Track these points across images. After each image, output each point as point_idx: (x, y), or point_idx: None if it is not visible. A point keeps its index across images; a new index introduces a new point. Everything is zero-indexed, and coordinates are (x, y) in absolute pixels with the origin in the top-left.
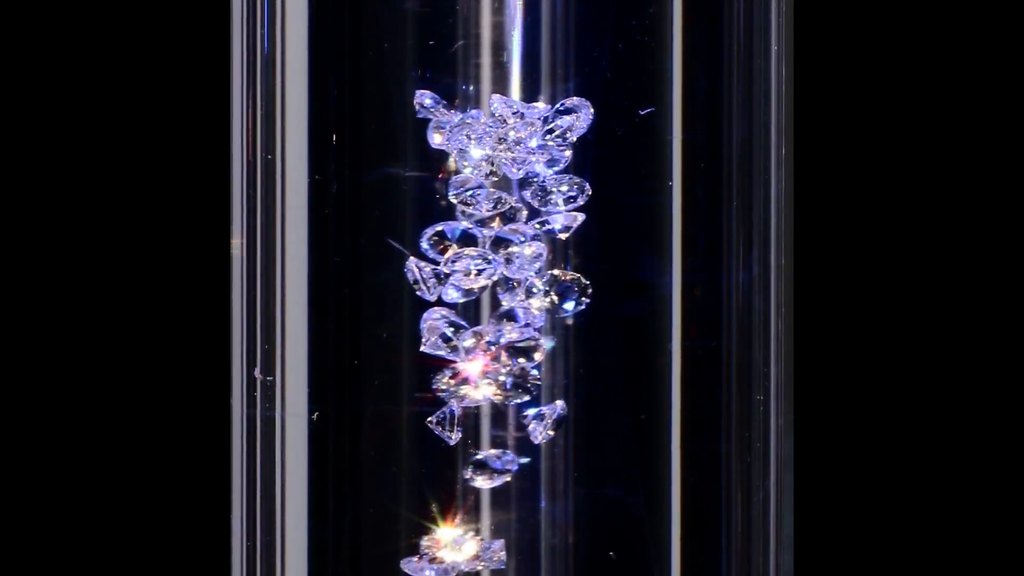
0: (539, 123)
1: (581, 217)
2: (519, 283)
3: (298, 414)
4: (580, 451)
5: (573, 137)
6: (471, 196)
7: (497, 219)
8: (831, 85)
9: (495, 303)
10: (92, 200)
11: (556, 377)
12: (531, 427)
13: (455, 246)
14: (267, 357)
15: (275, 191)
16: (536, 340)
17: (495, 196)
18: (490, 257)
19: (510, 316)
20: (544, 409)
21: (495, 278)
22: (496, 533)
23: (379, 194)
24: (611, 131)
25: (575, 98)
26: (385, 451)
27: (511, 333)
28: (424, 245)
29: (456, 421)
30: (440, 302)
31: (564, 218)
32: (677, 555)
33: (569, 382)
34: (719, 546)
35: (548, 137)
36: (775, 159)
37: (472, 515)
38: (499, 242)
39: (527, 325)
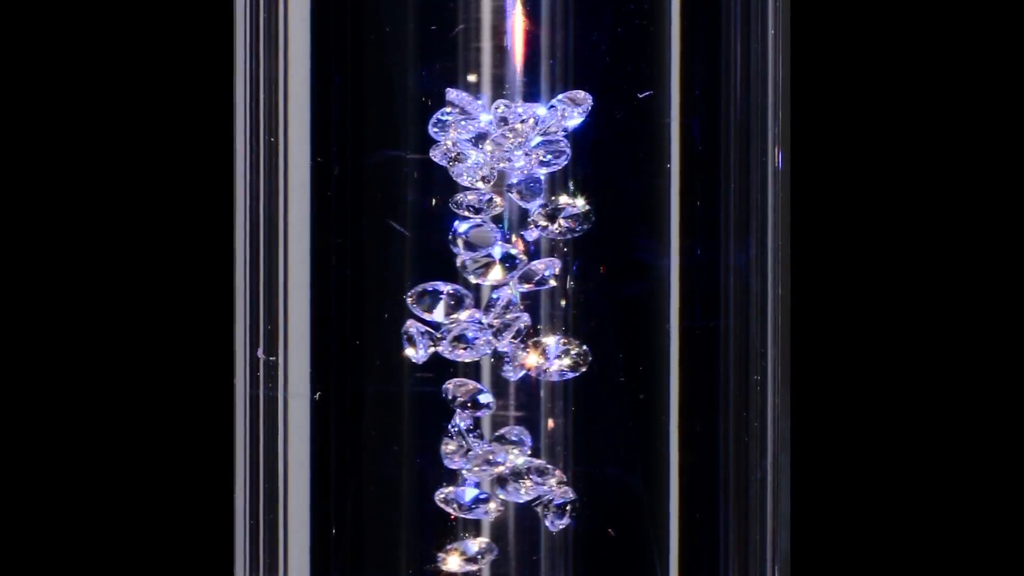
0: (536, 121)
1: (558, 263)
2: (508, 356)
3: (300, 394)
4: (579, 431)
5: (570, 128)
6: (464, 196)
7: (492, 269)
8: (828, 69)
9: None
10: (96, 184)
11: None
12: (544, 516)
13: (446, 301)
14: (270, 338)
15: (278, 173)
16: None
17: (487, 197)
18: (483, 326)
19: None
20: (550, 496)
21: (487, 350)
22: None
23: (381, 176)
24: (610, 114)
25: (578, 92)
26: (387, 431)
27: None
28: (410, 302)
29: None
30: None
31: (546, 265)
32: (675, 534)
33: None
34: (717, 525)
35: (546, 136)
36: (772, 142)
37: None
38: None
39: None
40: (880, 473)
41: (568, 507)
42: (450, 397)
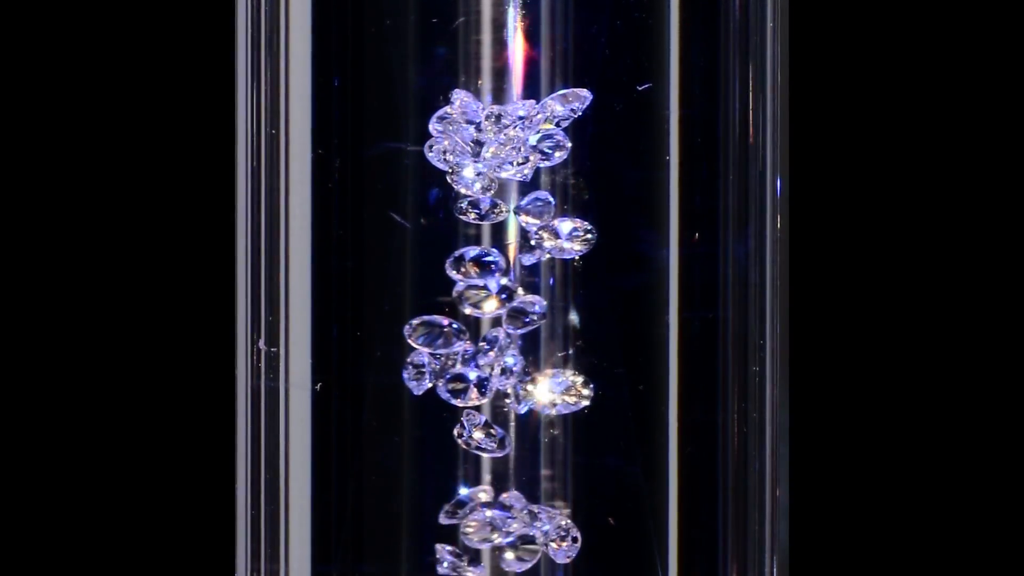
0: (534, 119)
1: (545, 303)
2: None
3: (301, 385)
4: (579, 423)
5: (566, 123)
6: (466, 204)
7: (488, 302)
8: (827, 61)
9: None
10: (98, 176)
11: (556, 347)
12: (550, 547)
13: (446, 333)
14: (271, 329)
15: (279, 165)
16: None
17: (491, 203)
18: (480, 366)
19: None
20: (554, 524)
21: (488, 395)
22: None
23: (381, 168)
24: (610, 107)
25: (578, 90)
26: (387, 421)
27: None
28: (408, 333)
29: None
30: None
31: (533, 303)
32: (674, 524)
33: (568, 354)
34: (715, 515)
35: (544, 133)
36: (771, 134)
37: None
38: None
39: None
40: (878, 463)
41: (570, 539)
42: (462, 434)
